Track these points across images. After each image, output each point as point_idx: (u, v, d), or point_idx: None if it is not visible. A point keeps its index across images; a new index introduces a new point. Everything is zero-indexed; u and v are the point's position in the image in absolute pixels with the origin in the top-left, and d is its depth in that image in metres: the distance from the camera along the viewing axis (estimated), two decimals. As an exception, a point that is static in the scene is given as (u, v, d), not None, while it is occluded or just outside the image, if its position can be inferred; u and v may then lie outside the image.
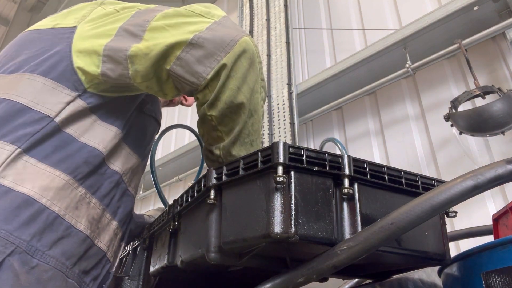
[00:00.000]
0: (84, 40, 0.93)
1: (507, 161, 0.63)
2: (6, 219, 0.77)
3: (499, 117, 1.85)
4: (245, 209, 0.73)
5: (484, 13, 2.32)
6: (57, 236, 0.83)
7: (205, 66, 0.84)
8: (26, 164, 0.82)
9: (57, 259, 0.82)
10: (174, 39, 0.85)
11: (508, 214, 0.86)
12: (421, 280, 1.00)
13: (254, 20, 3.54)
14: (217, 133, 0.93)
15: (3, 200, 0.78)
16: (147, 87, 0.93)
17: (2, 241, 0.75)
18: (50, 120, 0.87)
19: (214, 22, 0.87)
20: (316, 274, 0.68)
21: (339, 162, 0.74)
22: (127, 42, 0.88)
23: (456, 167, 2.26)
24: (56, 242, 0.83)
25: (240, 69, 0.87)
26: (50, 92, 0.89)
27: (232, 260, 0.80)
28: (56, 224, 0.83)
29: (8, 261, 0.75)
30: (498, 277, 0.67)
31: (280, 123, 2.86)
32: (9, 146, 0.82)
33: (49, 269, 0.80)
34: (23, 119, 0.85)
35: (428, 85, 2.60)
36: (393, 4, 2.99)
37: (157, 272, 1.09)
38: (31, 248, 0.78)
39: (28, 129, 0.84)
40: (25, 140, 0.83)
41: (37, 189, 0.82)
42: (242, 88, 0.88)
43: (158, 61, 0.86)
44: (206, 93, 0.87)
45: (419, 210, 0.62)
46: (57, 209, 0.84)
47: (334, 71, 2.82)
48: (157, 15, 0.90)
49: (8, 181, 0.80)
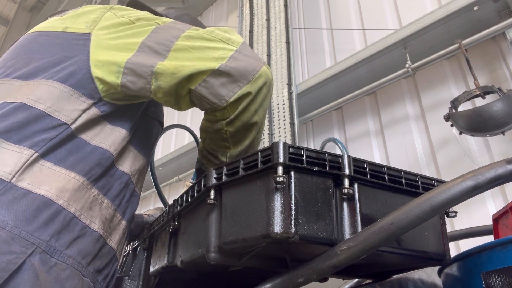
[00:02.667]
0: (103, 51, 0.96)
1: (507, 161, 0.63)
2: (26, 220, 0.79)
3: (499, 117, 1.85)
4: (245, 209, 0.74)
5: (484, 13, 2.32)
6: (73, 236, 0.86)
7: (228, 90, 0.93)
8: (42, 167, 0.84)
9: (74, 258, 0.85)
10: (203, 66, 0.93)
11: (508, 214, 0.86)
12: (421, 280, 1.00)
13: (254, 20, 3.54)
14: (225, 143, 1.03)
15: (22, 202, 0.80)
16: (165, 101, 1.00)
17: (23, 242, 0.77)
18: (67, 127, 0.90)
19: (236, 51, 0.96)
20: (316, 274, 0.68)
21: (339, 162, 0.74)
22: (151, 59, 0.94)
23: (456, 167, 2.26)
24: (73, 242, 0.85)
25: (261, 96, 0.99)
26: (68, 99, 0.92)
27: (232, 260, 0.80)
28: (73, 224, 0.86)
29: (29, 261, 0.76)
30: (498, 277, 0.67)
31: (280, 123, 2.86)
32: (27, 151, 0.84)
33: (67, 268, 0.83)
34: (41, 125, 0.87)
35: (428, 85, 2.60)
36: (393, 4, 2.99)
37: (157, 272, 1.09)
38: (50, 247, 0.80)
39: (46, 135, 0.87)
40: (42, 145, 0.85)
41: (54, 190, 0.84)
42: (259, 111, 1.00)
43: (183, 81, 0.93)
44: (225, 112, 0.96)
45: (419, 210, 0.62)
46: (73, 209, 0.86)
47: (334, 71, 2.82)
48: (181, 36, 0.97)
49: (26, 184, 0.81)
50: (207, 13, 5.19)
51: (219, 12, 4.98)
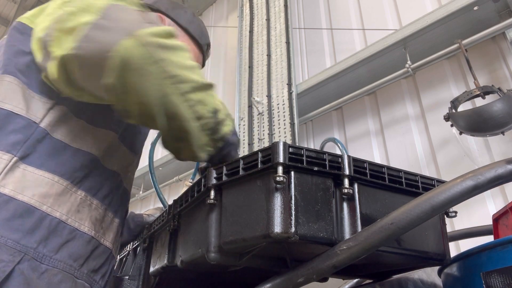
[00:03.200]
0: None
1: (507, 161, 0.63)
2: (10, 229, 0.78)
3: (499, 117, 1.85)
4: (245, 209, 0.73)
5: (484, 13, 2.32)
6: (62, 240, 0.85)
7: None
8: (24, 172, 0.83)
9: (65, 262, 0.84)
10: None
11: (508, 214, 0.86)
12: (421, 280, 1.00)
13: (254, 20, 3.54)
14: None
15: (5, 209, 0.79)
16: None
17: (10, 251, 0.77)
18: (37, 126, 0.87)
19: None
20: (316, 274, 0.68)
21: (339, 162, 0.74)
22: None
23: (456, 167, 2.26)
24: (62, 246, 0.85)
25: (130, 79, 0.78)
26: (30, 97, 0.88)
27: (232, 260, 0.80)
28: (60, 229, 0.85)
29: (18, 269, 0.76)
30: (498, 277, 0.67)
31: (280, 123, 2.86)
32: (6, 155, 0.82)
33: (58, 273, 0.82)
34: (12, 126, 0.85)
35: (428, 85, 2.60)
36: (393, 4, 2.99)
37: (157, 272, 1.09)
38: (38, 254, 0.80)
39: (19, 135, 0.84)
40: (18, 148, 0.83)
41: (37, 197, 0.83)
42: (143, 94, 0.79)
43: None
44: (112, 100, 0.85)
45: (419, 210, 0.62)
46: (58, 214, 0.85)
47: (334, 71, 2.82)
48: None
49: (9, 190, 0.80)
50: (207, 13, 5.19)
51: (219, 12, 4.98)
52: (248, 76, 3.25)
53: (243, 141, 2.99)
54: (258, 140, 2.91)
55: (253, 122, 3.03)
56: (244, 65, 3.35)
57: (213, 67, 4.58)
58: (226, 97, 4.16)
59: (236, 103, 3.26)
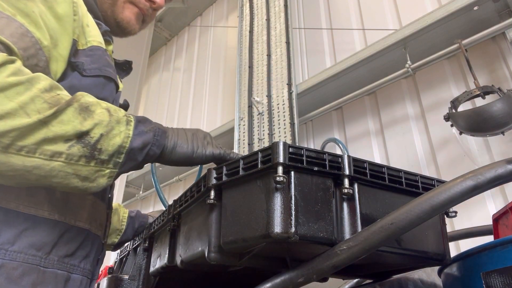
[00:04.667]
0: None
1: (507, 161, 0.63)
2: None
3: (499, 117, 1.85)
4: (245, 209, 0.73)
5: (484, 13, 2.32)
6: (18, 230, 0.78)
7: None
8: None
9: (25, 253, 0.78)
10: None
11: (508, 214, 0.86)
12: (421, 280, 1.00)
13: (254, 20, 3.54)
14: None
15: None
16: None
17: None
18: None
19: None
20: (316, 274, 0.68)
21: (339, 162, 0.74)
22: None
23: (456, 167, 2.26)
24: (19, 236, 0.78)
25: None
26: None
27: (232, 260, 0.80)
28: (12, 218, 0.78)
29: None
30: (498, 277, 0.67)
31: (280, 123, 2.86)
32: None
33: (18, 266, 0.76)
34: None
35: (428, 85, 2.60)
36: (393, 4, 2.99)
37: (157, 272, 1.09)
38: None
39: None
40: None
41: None
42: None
43: None
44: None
45: (419, 210, 0.62)
46: (4, 203, 0.78)
47: (334, 71, 2.82)
48: None
49: None
50: (207, 13, 5.19)
51: (219, 12, 4.98)
52: (248, 76, 3.25)
53: (243, 141, 2.99)
54: (258, 140, 2.92)
55: (253, 122, 3.03)
56: (244, 65, 3.35)
57: (213, 67, 4.58)
58: (226, 97, 4.16)
59: (236, 103, 3.26)
